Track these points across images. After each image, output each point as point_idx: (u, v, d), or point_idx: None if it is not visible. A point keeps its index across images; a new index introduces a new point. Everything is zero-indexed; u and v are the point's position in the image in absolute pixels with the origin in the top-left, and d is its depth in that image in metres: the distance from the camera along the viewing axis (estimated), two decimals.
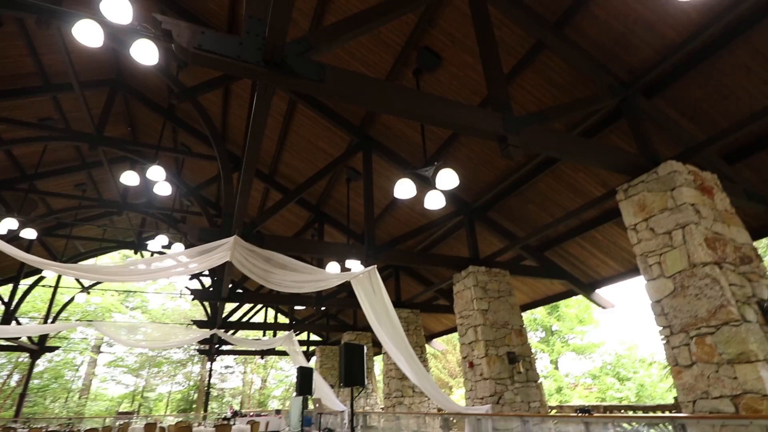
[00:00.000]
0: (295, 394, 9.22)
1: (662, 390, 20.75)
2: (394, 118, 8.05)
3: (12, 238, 12.59)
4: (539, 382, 7.76)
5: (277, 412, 17.85)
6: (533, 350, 24.91)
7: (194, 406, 27.91)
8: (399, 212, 10.45)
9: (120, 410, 22.53)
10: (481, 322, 7.84)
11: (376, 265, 6.79)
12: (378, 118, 8.38)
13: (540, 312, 24.77)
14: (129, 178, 9.07)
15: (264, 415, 15.85)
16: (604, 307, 10.15)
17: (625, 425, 5.89)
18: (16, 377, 23.64)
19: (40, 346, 16.96)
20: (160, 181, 9.08)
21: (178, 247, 12.35)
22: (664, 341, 4.70)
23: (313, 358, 19.86)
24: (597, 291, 9.71)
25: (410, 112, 4.20)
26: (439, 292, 12.72)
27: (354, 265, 8.81)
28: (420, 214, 9.85)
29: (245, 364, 31.08)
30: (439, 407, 8.51)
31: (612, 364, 23.16)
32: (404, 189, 6.25)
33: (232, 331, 18.59)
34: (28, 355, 17.13)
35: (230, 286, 11.53)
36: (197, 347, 20.76)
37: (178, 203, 15.43)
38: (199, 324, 13.98)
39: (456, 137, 7.70)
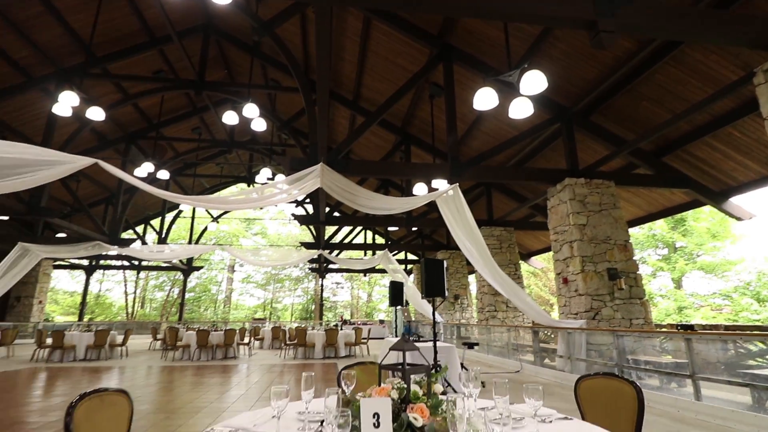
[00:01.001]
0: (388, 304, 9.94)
1: None
2: (476, 20, 7.25)
3: (152, 179, 14.93)
4: (644, 299, 7.21)
5: (381, 321, 19.79)
6: (649, 268, 22.78)
7: (312, 315, 32.23)
8: (488, 125, 9.82)
9: (255, 317, 27.11)
10: (577, 238, 7.36)
11: (457, 184, 6.63)
12: (458, 24, 7.62)
13: (660, 226, 22.31)
14: (229, 117, 9.85)
15: (369, 324, 17.69)
16: (739, 219, 8.69)
17: (751, 346, 5.31)
18: (176, 291, 29.54)
19: (188, 266, 20.71)
20: (255, 117, 9.73)
21: (281, 177, 13.50)
22: None
23: (411, 276, 21.03)
24: (731, 200, 8.30)
25: (475, 9, 3.69)
26: (536, 209, 12.13)
27: (442, 184, 8.74)
28: (510, 126, 9.14)
29: (352, 281, 34.36)
30: (533, 321, 8.54)
31: (752, 283, 20.36)
32: (484, 99, 5.78)
33: (336, 252, 20.44)
34: (181, 273, 21.10)
35: (327, 210, 12.38)
36: (309, 266, 23.41)
37: (277, 137, 16.55)
38: (307, 245, 15.53)
39: (549, 32, 6.70)
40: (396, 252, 20.95)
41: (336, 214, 17.27)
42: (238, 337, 11.02)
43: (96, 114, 9.20)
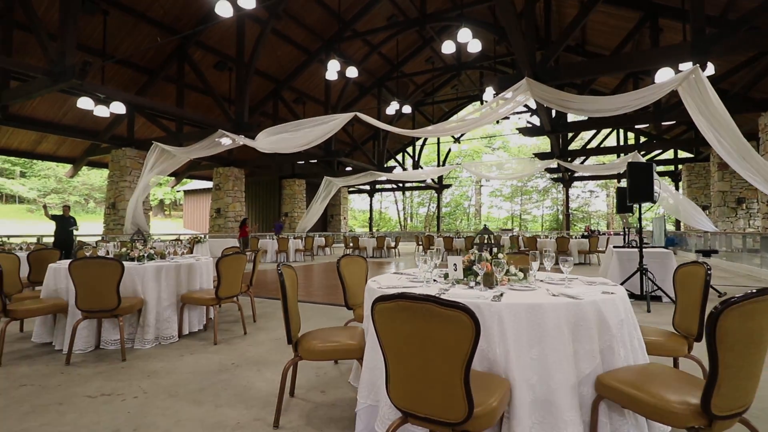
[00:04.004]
0: (615, 210, 9.22)
1: None
2: None
3: (399, 115, 17.73)
4: None
5: (638, 232, 17.70)
6: None
7: (562, 225, 31.43)
8: None
9: (503, 228, 28.87)
10: None
11: (698, 66, 5.53)
12: None
13: None
14: (447, 47, 10.71)
15: (620, 234, 16.25)
16: None
17: None
18: (433, 207, 34.44)
19: (439, 185, 23.84)
20: (469, 41, 10.22)
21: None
22: None
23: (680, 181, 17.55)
24: None
25: None
26: None
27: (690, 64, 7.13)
28: None
29: (606, 188, 31.04)
30: None
31: None
32: None
33: (582, 158, 19.11)
34: (434, 191, 24.57)
35: (553, 117, 11.85)
36: (552, 176, 22.75)
37: (504, 47, 16.24)
38: (542, 156, 15.35)
39: None
40: (660, 151, 17.77)
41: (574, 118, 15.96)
42: None
43: (352, 72, 11.80)
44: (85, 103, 9.20)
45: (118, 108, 9.63)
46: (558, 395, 1.59)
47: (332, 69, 11.03)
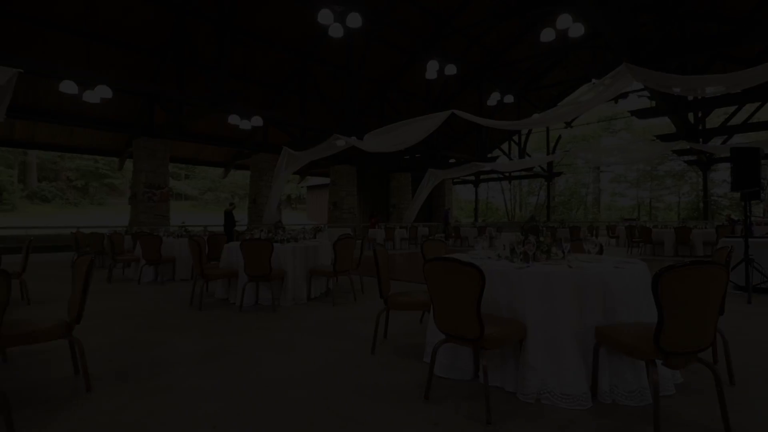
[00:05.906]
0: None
1: None
2: None
3: (501, 106, 17.61)
4: None
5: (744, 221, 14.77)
6: None
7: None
8: None
9: (626, 217, 26.34)
10: None
11: None
12: None
13: None
14: (546, 34, 10.66)
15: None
16: None
17: None
18: (543, 196, 32.74)
19: (549, 173, 22.89)
20: (570, 26, 10.05)
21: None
22: None
23: None
24: None
25: None
26: None
27: None
28: None
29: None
30: None
31: None
32: None
33: (725, 137, 16.68)
34: (544, 179, 23.65)
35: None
36: (687, 158, 20.10)
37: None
38: (663, 138, 13.95)
39: None
40: None
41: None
42: (585, 232, 12.33)
43: (450, 70, 12.37)
44: (233, 119, 11.50)
45: (257, 121, 11.79)
46: (563, 337, 2.21)
47: (431, 69, 11.74)
